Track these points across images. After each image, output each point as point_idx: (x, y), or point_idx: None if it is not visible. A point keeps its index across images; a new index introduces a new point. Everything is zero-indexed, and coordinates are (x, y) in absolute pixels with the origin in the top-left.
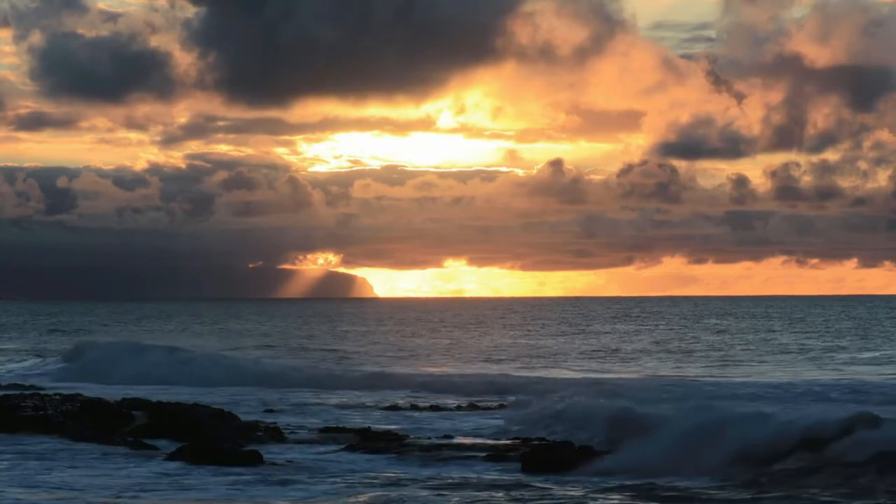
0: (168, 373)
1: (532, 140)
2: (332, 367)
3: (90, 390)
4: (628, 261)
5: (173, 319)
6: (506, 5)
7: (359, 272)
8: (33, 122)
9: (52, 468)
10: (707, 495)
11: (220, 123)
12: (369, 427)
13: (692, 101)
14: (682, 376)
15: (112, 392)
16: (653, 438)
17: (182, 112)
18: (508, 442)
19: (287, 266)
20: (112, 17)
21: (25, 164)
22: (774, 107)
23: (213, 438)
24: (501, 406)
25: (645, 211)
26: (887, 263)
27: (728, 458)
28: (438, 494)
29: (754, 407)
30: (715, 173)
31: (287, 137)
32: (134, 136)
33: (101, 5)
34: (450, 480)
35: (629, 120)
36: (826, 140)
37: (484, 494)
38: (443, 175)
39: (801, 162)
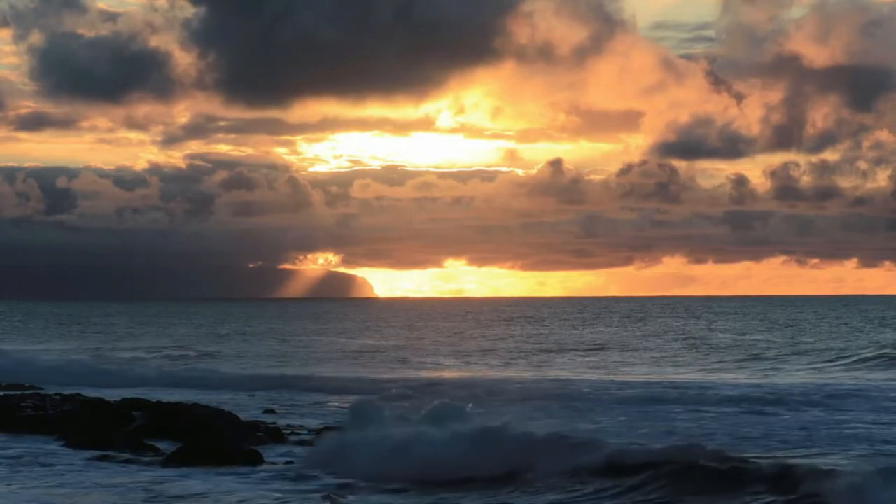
0: None
1: (532, 140)
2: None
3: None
4: (628, 261)
5: (117, 320)
6: (505, 5)
7: (359, 272)
8: (33, 122)
9: (50, 470)
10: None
11: (220, 123)
12: None
13: (692, 101)
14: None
15: (111, 392)
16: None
17: (182, 112)
18: None
19: (287, 266)
20: (112, 17)
21: (25, 164)
22: (774, 107)
23: (214, 439)
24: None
25: (645, 211)
26: (887, 263)
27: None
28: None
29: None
30: (714, 173)
31: (287, 137)
32: (134, 136)
33: (101, 5)
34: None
35: (629, 120)
36: (825, 140)
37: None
38: (443, 175)
39: (800, 162)
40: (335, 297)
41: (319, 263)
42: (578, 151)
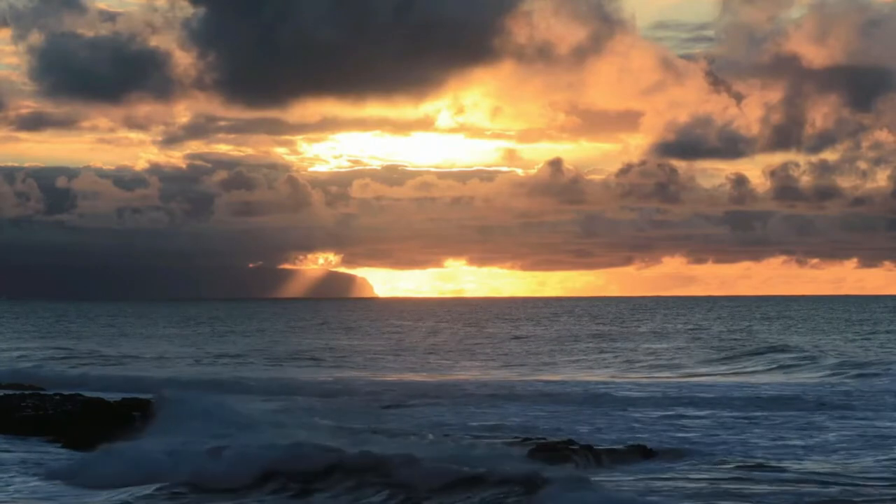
0: None
1: (531, 140)
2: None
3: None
4: (628, 261)
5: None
6: (504, 5)
7: (359, 272)
8: (33, 122)
9: (50, 472)
10: None
11: (220, 123)
12: None
13: (691, 101)
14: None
15: (111, 393)
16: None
17: (182, 112)
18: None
19: (287, 266)
20: (111, 17)
21: (25, 164)
22: (773, 107)
23: None
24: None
25: (644, 211)
26: (887, 263)
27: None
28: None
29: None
30: (714, 173)
31: (287, 137)
32: (134, 136)
33: (101, 5)
34: None
35: (628, 120)
36: (825, 140)
37: None
38: (442, 175)
39: (800, 162)
40: (335, 296)
41: (319, 263)
42: (578, 151)
